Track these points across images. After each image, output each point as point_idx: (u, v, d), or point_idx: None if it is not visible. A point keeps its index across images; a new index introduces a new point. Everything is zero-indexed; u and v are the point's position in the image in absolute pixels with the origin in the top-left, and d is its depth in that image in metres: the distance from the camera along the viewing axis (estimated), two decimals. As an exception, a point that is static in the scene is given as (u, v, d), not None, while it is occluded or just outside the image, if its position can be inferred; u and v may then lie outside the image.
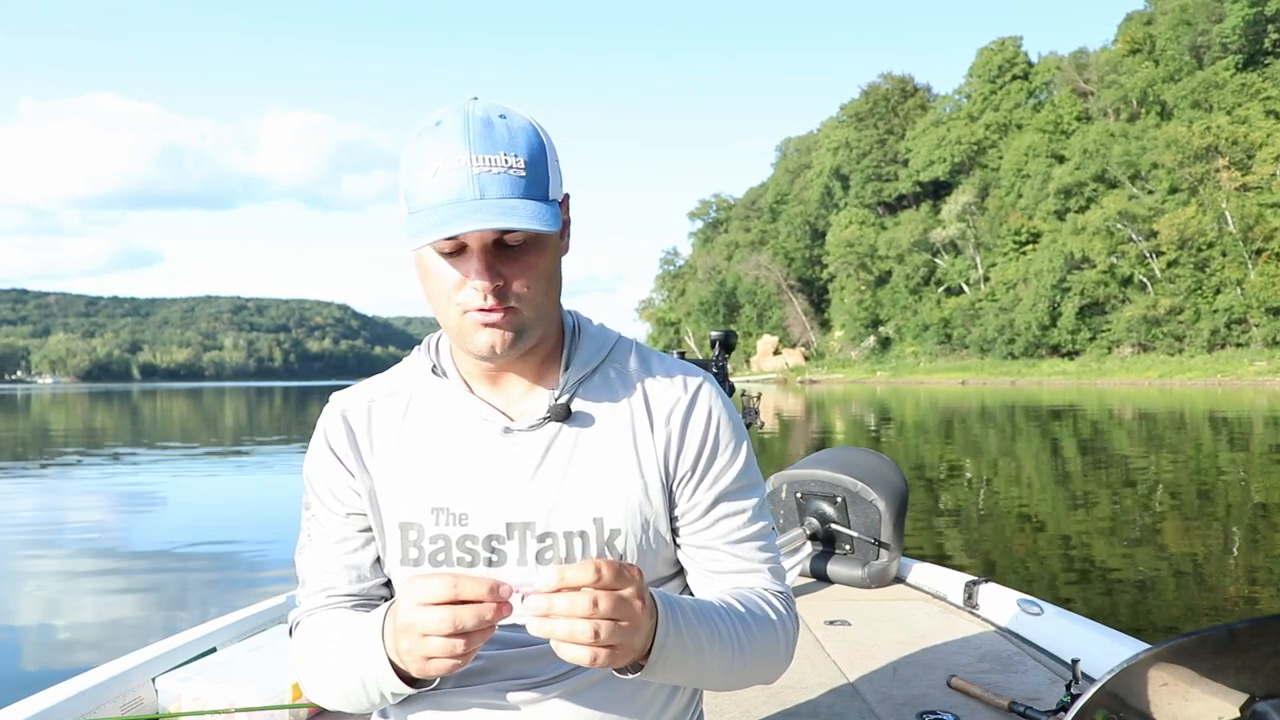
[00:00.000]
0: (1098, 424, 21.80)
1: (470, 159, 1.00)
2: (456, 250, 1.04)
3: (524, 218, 0.99)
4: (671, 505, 1.17)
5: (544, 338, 1.15)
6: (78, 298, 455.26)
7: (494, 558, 1.12)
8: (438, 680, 1.02)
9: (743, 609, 1.12)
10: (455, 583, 0.90)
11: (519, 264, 1.05)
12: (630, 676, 1.00)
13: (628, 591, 0.91)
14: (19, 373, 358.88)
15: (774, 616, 1.15)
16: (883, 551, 3.40)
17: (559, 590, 0.89)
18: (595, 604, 0.88)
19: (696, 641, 1.03)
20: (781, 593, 1.20)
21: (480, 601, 0.90)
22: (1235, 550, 6.97)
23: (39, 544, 8.19)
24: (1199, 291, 58.76)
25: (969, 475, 12.19)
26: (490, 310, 1.04)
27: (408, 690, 1.03)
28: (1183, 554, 6.83)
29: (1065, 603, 5.33)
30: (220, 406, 49.67)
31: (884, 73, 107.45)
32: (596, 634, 0.88)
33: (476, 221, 0.98)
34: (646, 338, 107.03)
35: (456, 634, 0.91)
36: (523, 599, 0.91)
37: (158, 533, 8.69)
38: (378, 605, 1.20)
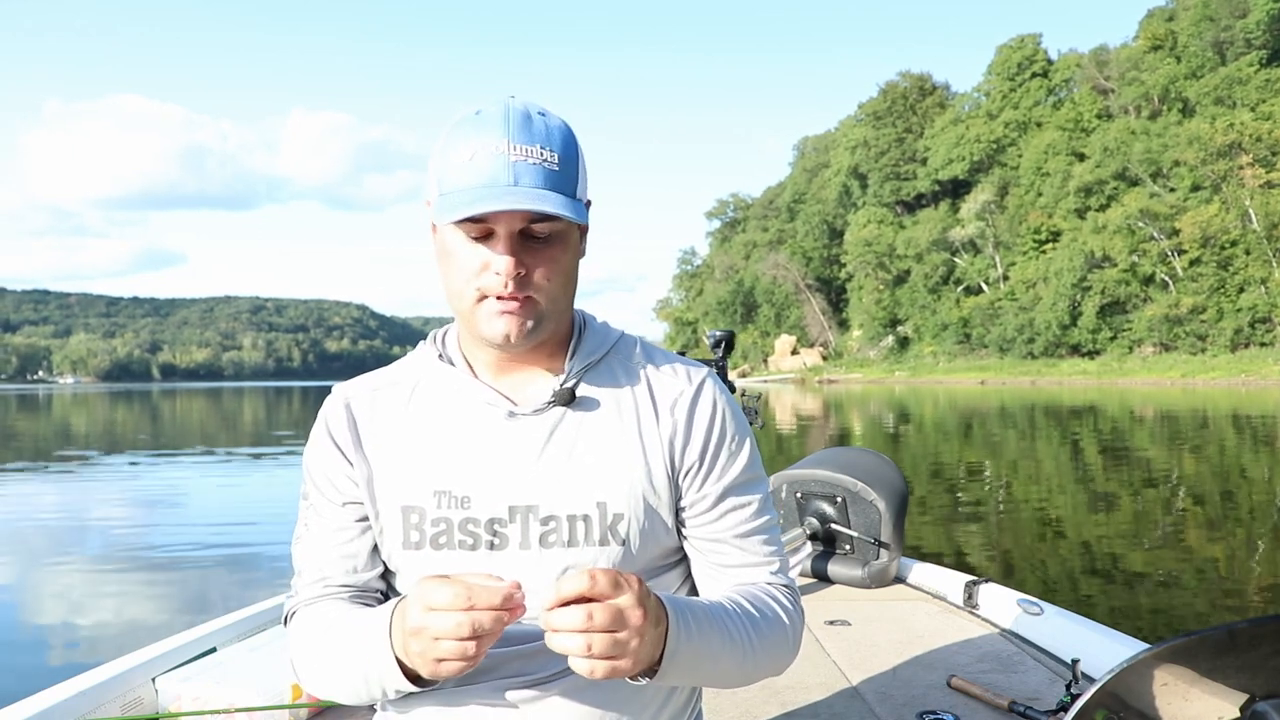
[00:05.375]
0: (1118, 424, 21.63)
1: (509, 147, 1.03)
2: (483, 236, 1.06)
3: (556, 205, 1.02)
4: (678, 496, 1.17)
5: (554, 333, 1.16)
6: (98, 298, 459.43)
7: (496, 541, 1.11)
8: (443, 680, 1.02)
9: (752, 608, 1.13)
10: (470, 592, 0.90)
11: (542, 255, 1.07)
12: (644, 681, 1.00)
13: (624, 600, 0.90)
14: (40, 373, 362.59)
15: (781, 612, 1.16)
16: (883, 551, 3.39)
17: (556, 606, 0.90)
18: (590, 616, 0.88)
19: (708, 645, 1.04)
20: (787, 586, 1.21)
21: (494, 608, 0.91)
22: (1257, 551, 6.90)
23: (46, 543, 8.27)
24: (1222, 290, 58.19)
25: (987, 476, 12.12)
26: (509, 298, 1.06)
27: (412, 688, 1.03)
28: (1200, 556, 6.77)
29: (1079, 604, 5.31)
30: (239, 406, 50.01)
31: (902, 71, 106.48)
32: (589, 647, 0.88)
33: (511, 202, 1.00)
34: (664, 337, 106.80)
35: (472, 637, 0.91)
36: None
37: (163, 533, 8.75)
38: (374, 596, 1.21)
